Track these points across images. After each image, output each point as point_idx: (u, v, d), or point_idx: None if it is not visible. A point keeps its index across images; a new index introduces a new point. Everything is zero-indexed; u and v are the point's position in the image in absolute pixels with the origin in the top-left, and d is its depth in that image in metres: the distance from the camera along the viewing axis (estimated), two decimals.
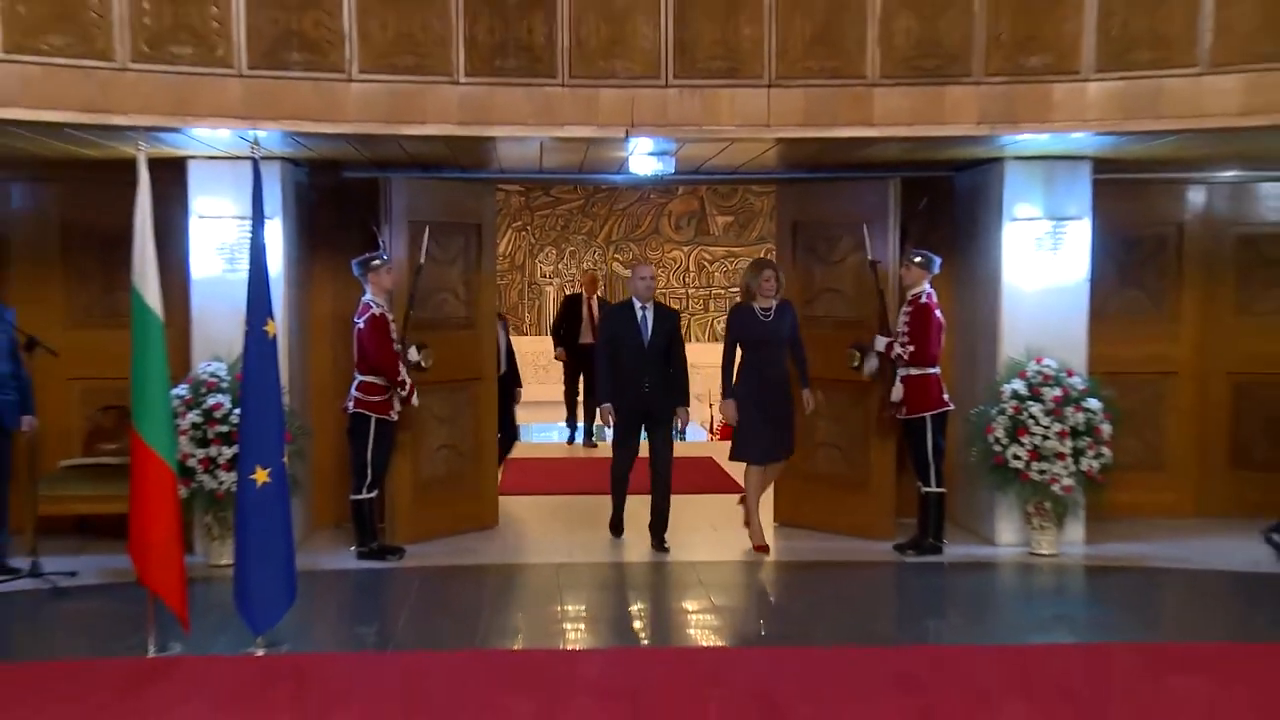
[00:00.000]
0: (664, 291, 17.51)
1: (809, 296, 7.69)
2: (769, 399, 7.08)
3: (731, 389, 7.12)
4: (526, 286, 18.67)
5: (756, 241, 18.45)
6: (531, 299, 18.68)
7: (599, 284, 12.63)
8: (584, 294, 11.81)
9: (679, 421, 7.44)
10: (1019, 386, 6.97)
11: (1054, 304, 7.22)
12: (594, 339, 10.24)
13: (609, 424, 7.43)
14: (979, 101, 6.25)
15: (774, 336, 7.09)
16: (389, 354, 6.82)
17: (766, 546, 7.21)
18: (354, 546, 7.02)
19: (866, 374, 7.16)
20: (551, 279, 18.70)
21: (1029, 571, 6.90)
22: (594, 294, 11.79)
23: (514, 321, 16.26)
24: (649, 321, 7.28)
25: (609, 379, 7.32)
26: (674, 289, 18.30)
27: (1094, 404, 6.91)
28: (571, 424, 11.85)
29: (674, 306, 11.49)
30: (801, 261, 7.86)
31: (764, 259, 8.08)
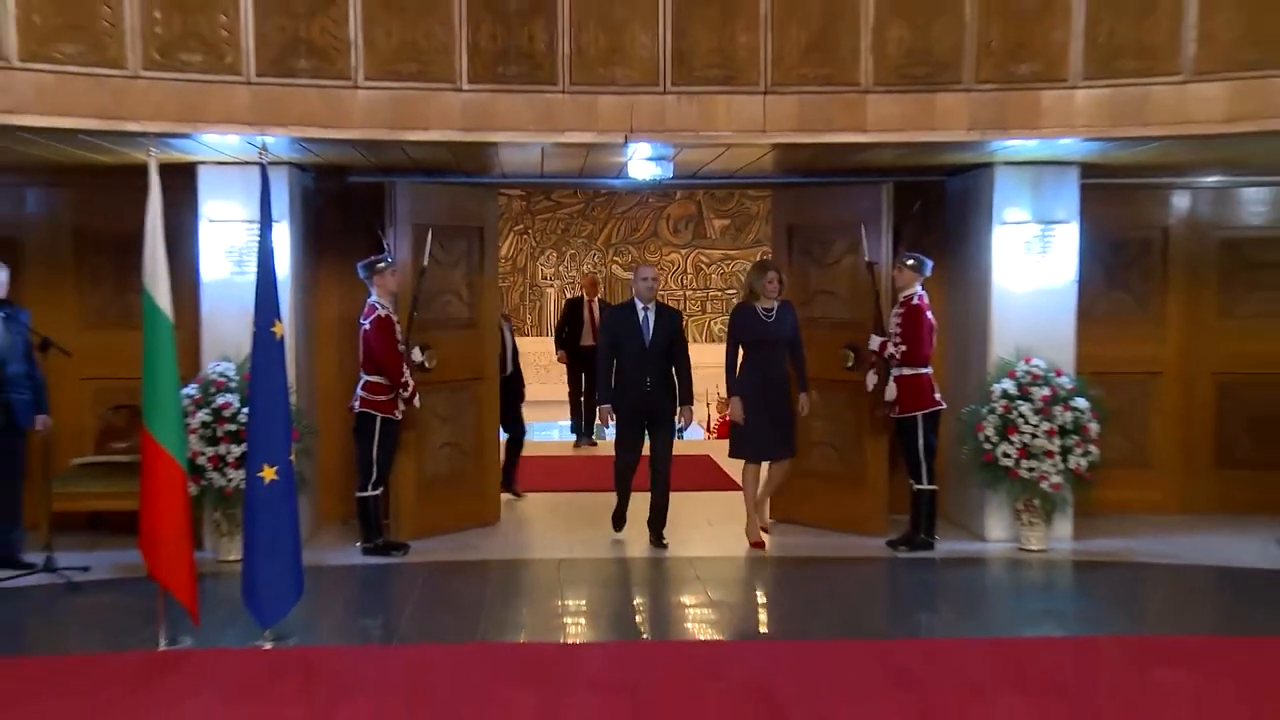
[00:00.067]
0: (662, 293, 17.23)
1: (804, 298, 7.70)
2: (771, 398, 7.13)
3: (737, 387, 7.19)
4: (528, 288, 18.74)
5: (753, 244, 18.45)
6: (533, 300, 18.74)
7: (599, 287, 12.60)
8: (585, 297, 11.78)
9: (682, 420, 7.44)
10: (1009, 386, 7.01)
11: (1043, 305, 7.27)
12: (595, 341, 10.20)
13: (608, 424, 7.46)
14: (969, 108, 6.27)
15: (776, 336, 7.13)
16: (394, 355, 6.87)
17: (763, 542, 7.26)
18: (359, 542, 7.07)
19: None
20: (552, 281, 18.75)
21: (1018, 567, 6.94)
22: (594, 297, 11.77)
23: (516, 323, 16.33)
24: (650, 322, 7.28)
25: (609, 379, 7.35)
26: (672, 291, 18.27)
27: (1082, 403, 6.96)
28: (577, 425, 11.79)
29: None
30: (797, 264, 7.88)
31: (768, 260, 8.09)
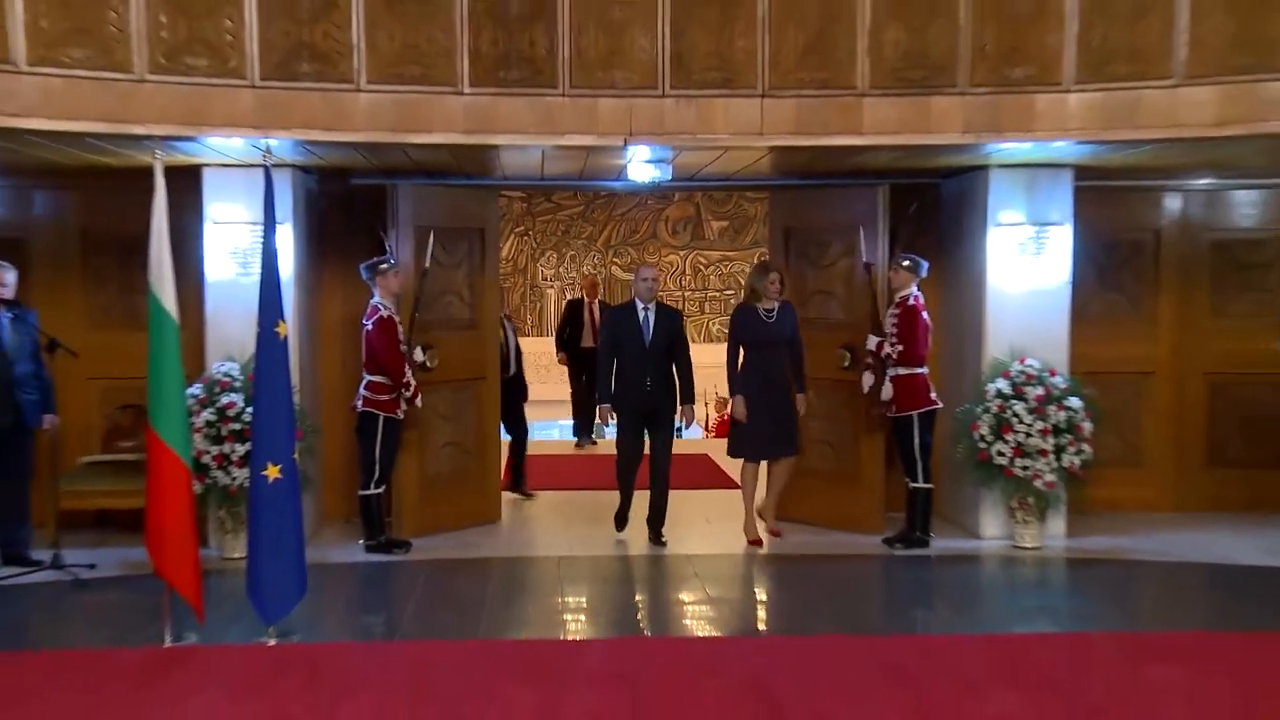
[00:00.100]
0: (661, 294, 17.39)
1: (801, 299, 7.73)
2: (772, 398, 7.17)
3: (739, 386, 7.24)
4: (528, 289, 18.77)
5: (750, 246, 18.46)
6: (533, 301, 18.77)
7: (599, 288, 12.62)
8: (585, 298, 11.79)
9: (683, 419, 7.46)
10: (1003, 385, 7.06)
11: (1037, 306, 7.32)
12: (595, 343, 10.23)
13: (608, 423, 7.49)
14: (964, 111, 6.30)
15: (776, 337, 7.18)
16: (396, 355, 6.92)
17: (760, 540, 7.29)
18: (362, 540, 7.11)
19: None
20: (552, 282, 18.79)
21: (1013, 564, 6.98)
22: (594, 298, 11.78)
23: (517, 324, 16.39)
24: (650, 322, 7.32)
25: (609, 378, 7.39)
26: (670, 292, 18.26)
27: (1075, 403, 7.00)
28: (578, 425, 11.78)
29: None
30: (794, 265, 7.92)
31: (769, 262, 8.11)
